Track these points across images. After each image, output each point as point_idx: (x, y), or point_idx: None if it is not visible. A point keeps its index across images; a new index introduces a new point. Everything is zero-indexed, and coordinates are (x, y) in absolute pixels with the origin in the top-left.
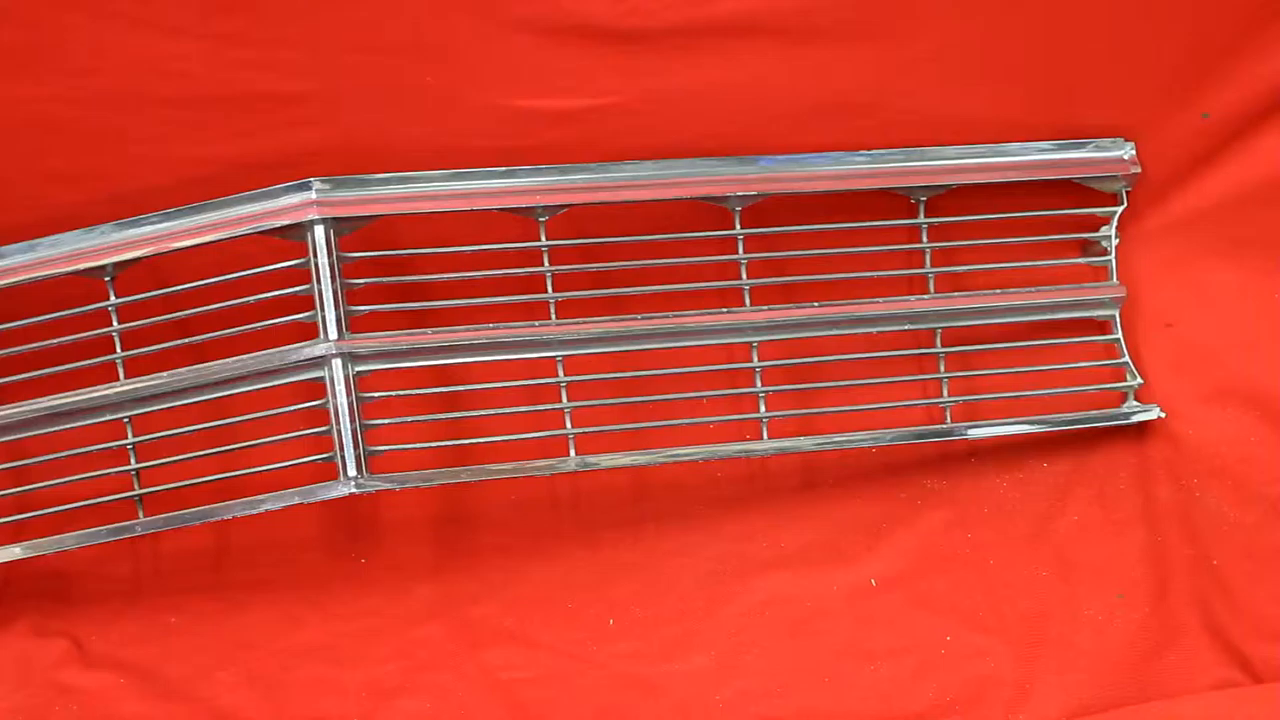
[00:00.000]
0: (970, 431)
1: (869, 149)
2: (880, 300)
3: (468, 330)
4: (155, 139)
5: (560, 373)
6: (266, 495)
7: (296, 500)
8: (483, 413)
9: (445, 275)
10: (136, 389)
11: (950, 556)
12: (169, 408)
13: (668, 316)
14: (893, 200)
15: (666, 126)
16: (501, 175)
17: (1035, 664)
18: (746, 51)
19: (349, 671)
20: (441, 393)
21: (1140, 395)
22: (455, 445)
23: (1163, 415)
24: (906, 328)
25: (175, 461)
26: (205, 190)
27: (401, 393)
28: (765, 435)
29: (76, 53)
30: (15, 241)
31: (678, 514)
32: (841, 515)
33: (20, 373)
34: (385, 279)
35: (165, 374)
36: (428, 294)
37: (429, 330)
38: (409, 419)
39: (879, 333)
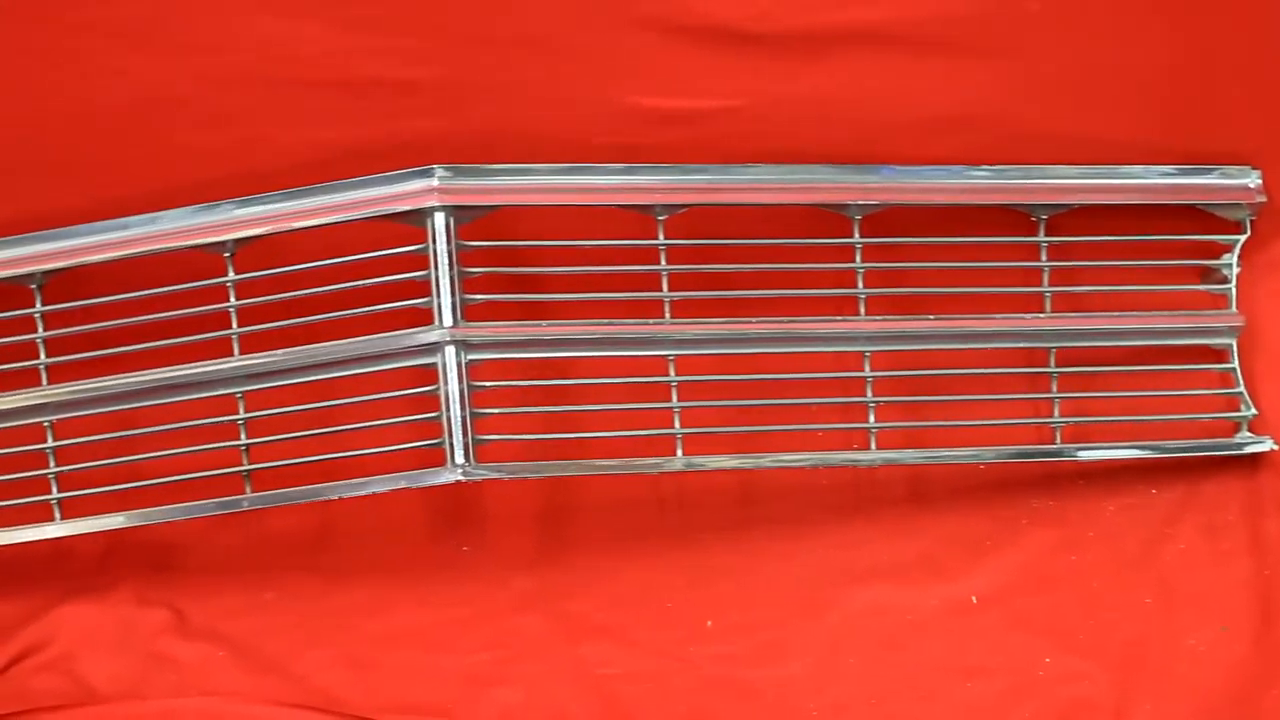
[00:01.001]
0: (1080, 453)
1: (990, 164)
2: (996, 317)
3: (581, 325)
4: (276, 121)
5: (671, 372)
6: (373, 478)
7: (403, 484)
8: (592, 408)
9: (560, 269)
10: (250, 365)
11: (1053, 577)
12: (280, 386)
13: (781, 321)
14: (1012, 217)
15: (787, 132)
16: (622, 172)
17: (1133, 691)
18: (872, 61)
19: (443, 658)
20: (551, 385)
21: (1254, 426)
22: (562, 439)
23: (1276, 447)
24: (1021, 345)
25: (284, 440)
26: (322, 174)
27: (511, 383)
28: (874, 445)
29: (203, 31)
30: (137, 214)
31: (781, 519)
32: (945, 530)
33: (136, 343)
34: (501, 269)
35: (279, 352)
36: (541, 286)
37: (543, 323)
38: (517, 410)
39: (993, 349)
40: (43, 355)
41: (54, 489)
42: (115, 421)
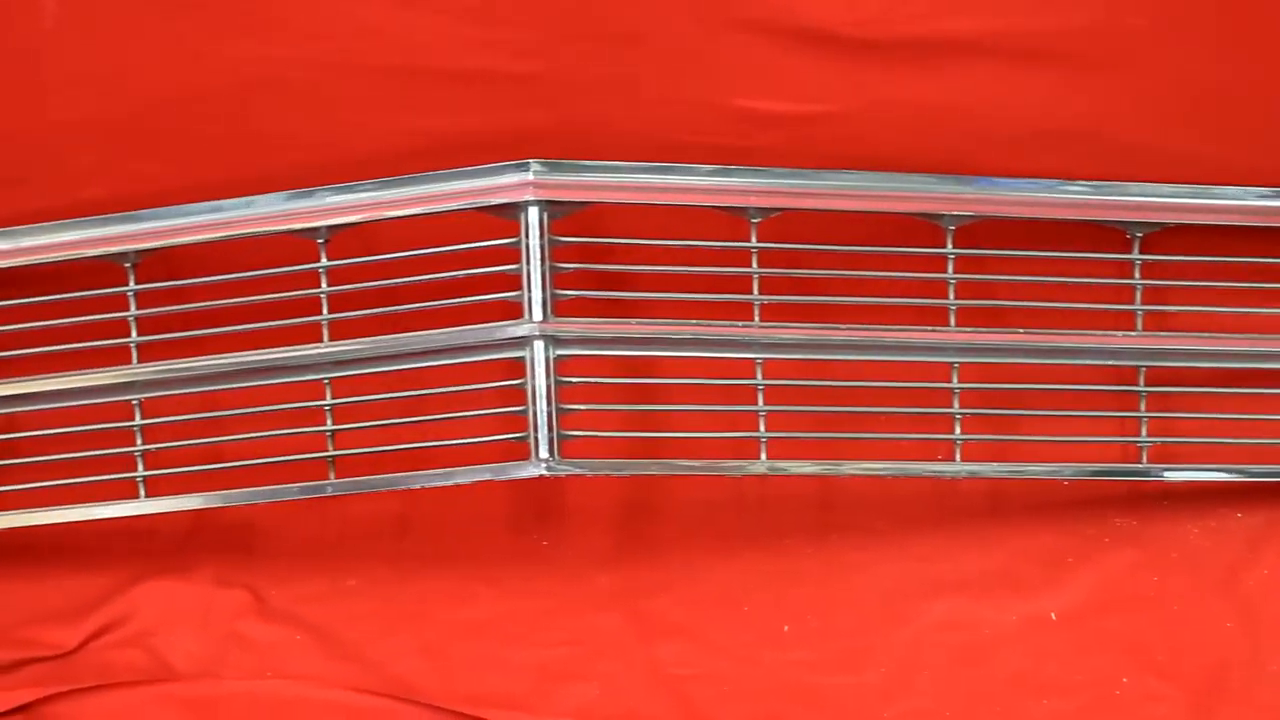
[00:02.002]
0: (1166, 473)
1: (1086, 179)
2: (1086, 333)
3: (671, 324)
4: (376, 107)
5: (758, 375)
6: (457, 469)
7: (487, 477)
8: (678, 407)
9: (651, 267)
10: (338, 352)
11: (1134, 597)
12: (368, 373)
13: (870, 329)
14: (1107, 233)
15: (885, 139)
16: (718, 173)
17: (1211, 715)
18: (974, 71)
19: (520, 651)
20: (637, 384)
21: None
22: (647, 437)
23: None
24: (1110, 363)
25: (369, 427)
26: (419, 163)
27: (599, 380)
28: (958, 457)
29: (305, 16)
30: (233, 197)
31: (862, 527)
32: (1026, 544)
33: (226, 325)
34: (592, 265)
35: (368, 340)
36: (631, 284)
37: (633, 321)
38: (603, 407)
39: (1081, 365)
40: (133, 334)
41: (140, 467)
42: (202, 402)
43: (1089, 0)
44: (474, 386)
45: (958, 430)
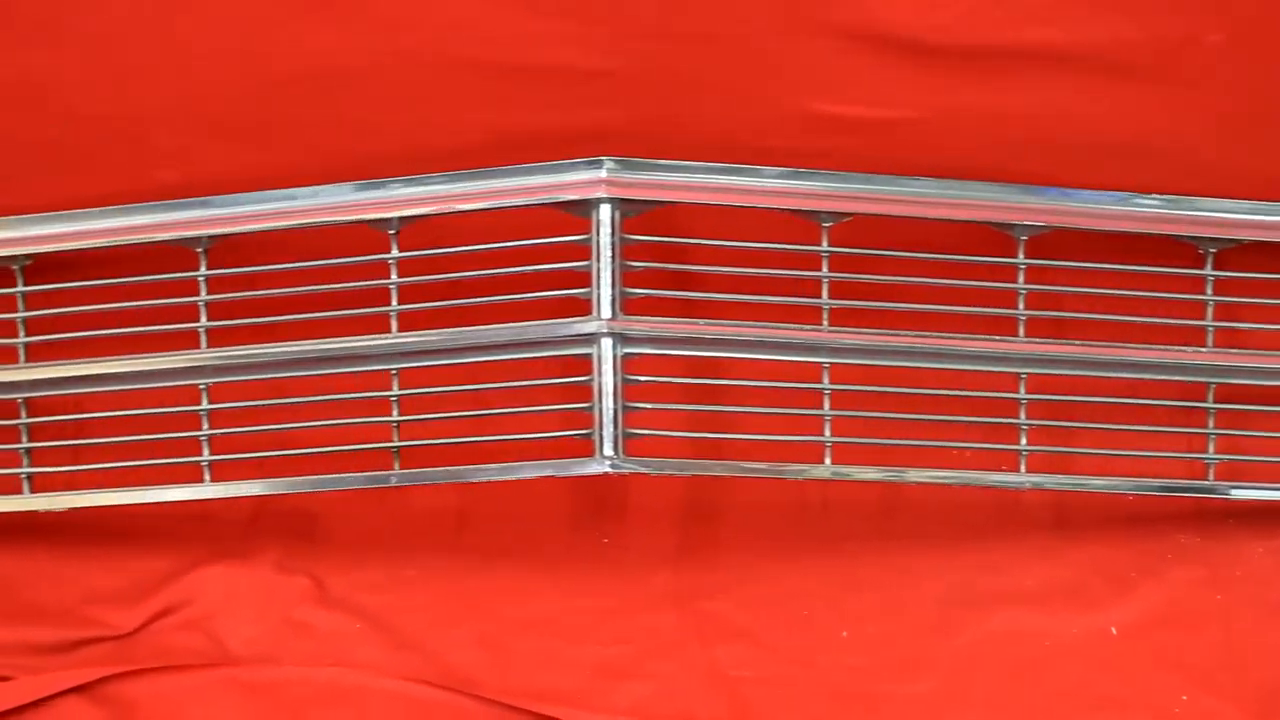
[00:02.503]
0: (1232, 491)
1: (1160, 193)
2: (1156, 348)
3: (739, 326)
4: (453, 100)
5: (825, 380)
6: (521, 464)
7: (550, 472)
8: (743, 409)
9: (721, 268)
10: (406, 343)
11: (1196, 615)
12: (435, 365)
13: (938, 337)
14: (1179, 248)
15: (960, 147)
16: (790, 176)
17: None
18: (1050, 82)
19: (577, 648)
20: (703, 384)
21: None
22: (711, 438)
23: None
24: (1179, 379)
25: (434, 419)
26: (492, 156)
27: (666, 379)
28: (1023, 469)
29: (388, 7)
30: (305, 184)
31: (924, 535)
32: (1088, 558)
33: (295, 313)
34: (661, 264)
35: (437, 332)
36: (700, 285)
37: (701, 321)
38: (669, 406)
39: (1150, 380)
40: (203, 318)
41: (205, 451)
42: (269, 389)
43: (1169, 15)
44: (541, 382)
45: (1023, 441)
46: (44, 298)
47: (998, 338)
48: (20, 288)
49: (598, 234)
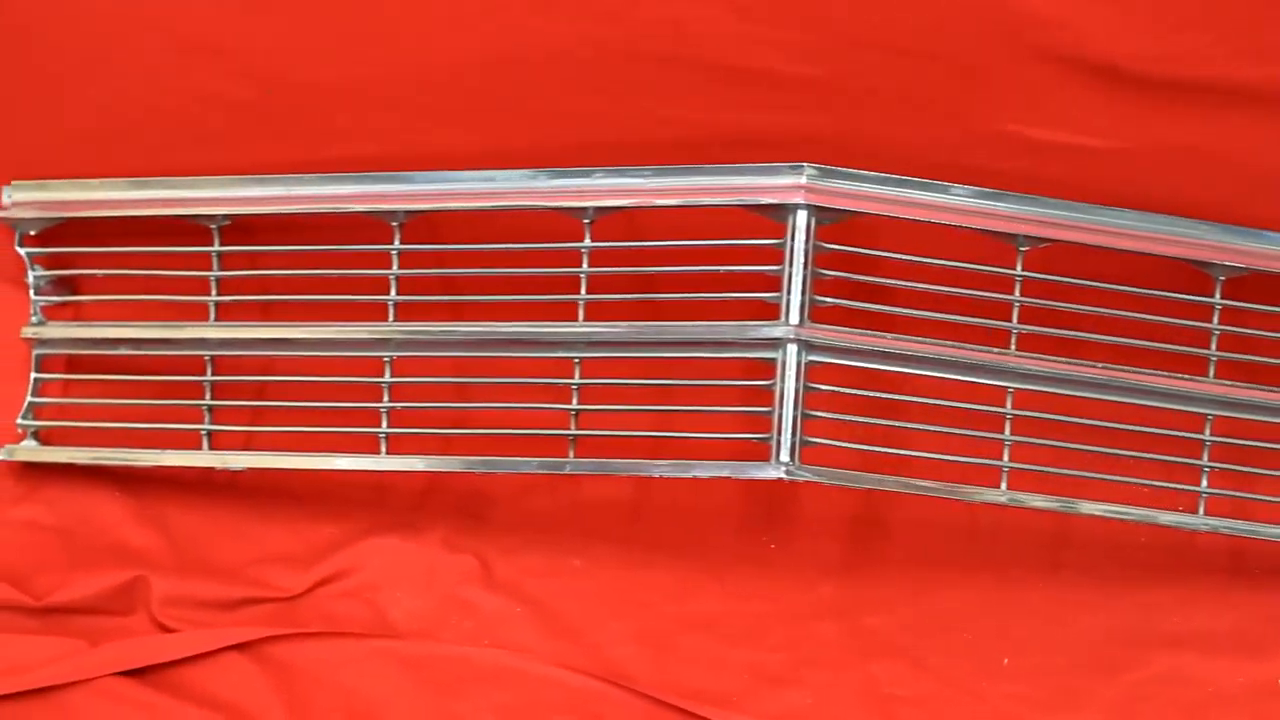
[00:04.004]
0: None
1: None
2: None
3: (925, 343)
4: (656, 95)
5: (1008, 404)
6: (696, 462)
7: (726, 474)
8: (922, 426)
9: (911, 283)
10: (592, 333)
11: None
12: (618, 357)
13: (1127, 371)
14: None
15: (1163, 181)
16: (991, 197)
17: None
18: (1257, 122)
19: (737, 651)
20: (882, 398)
21: None
22: (886, 453)
23: None
24: None
25: (612, 410)
26: (684, 153)
27: (848, 390)
28: (1202, 511)
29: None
30: (500, 168)
31: (1094, 569)
32: (1262, 607)
33: (483, 293)
34: (851, 275)
35: (624, 324)
36: (888, 298)
37: (889, 335)
38: (847, 417)
39: None
40: (393, 292)
41: (384, 423)
42: (452, 367)
43: None
44: (723, 382)
45: (1204, 483)
46: (237, 259)
47: (1187, 377)
48: (216, 247)
49: (792, 239)
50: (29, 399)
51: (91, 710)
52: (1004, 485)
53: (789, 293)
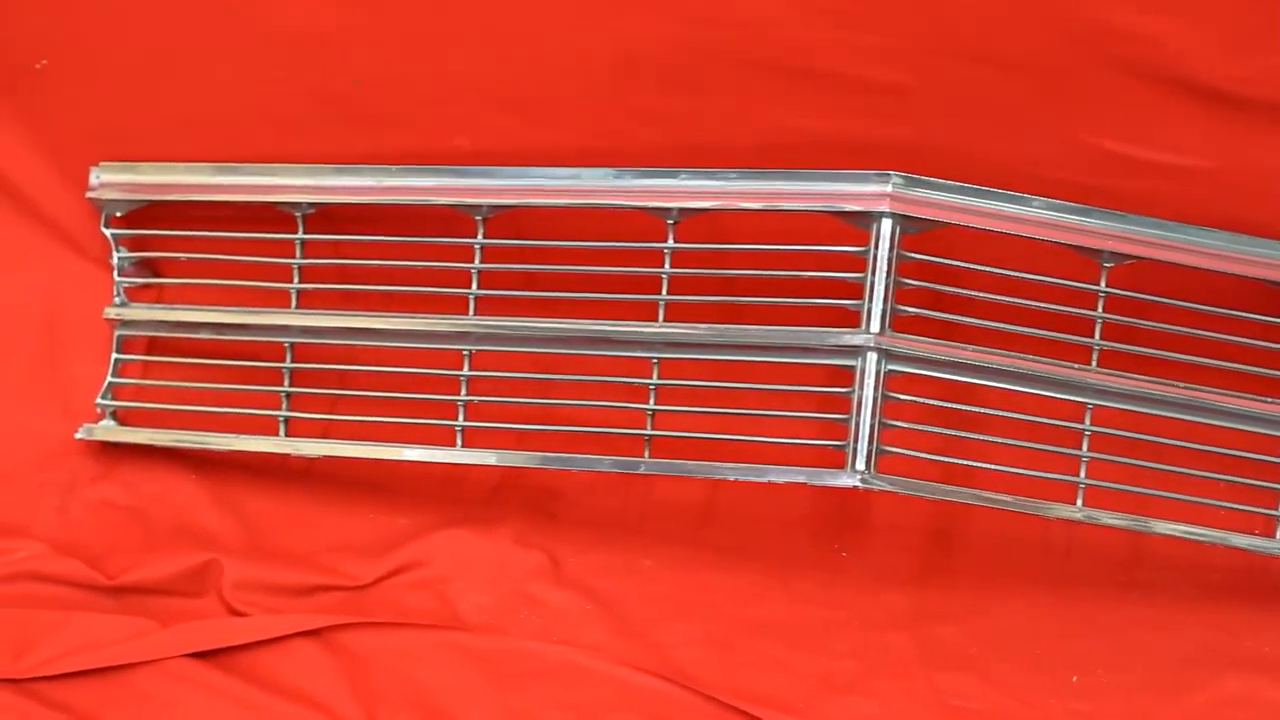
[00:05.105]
0: None
1: None
2: None
3: (1006, 356)
4: (747, 98)
5: (1087, 420)
6: (770, 467)
7: (801, 479)
8: (998, 440)
9: (993, 296)
10: (672, 334)
11: None
12: (696, 359)
13: (1209, 392)
14: None
15: (1250, 201)
16: (1078, 212)
17: None
18: None
19: (804, 657)
20: (960, 409)
21: None
22: (961, 464)
23: None
24: None
25: (688, 412)
26: (771, 157)
27: (927, 401)
28: (1279, 535)
29: (693, 2)
30: (589, 166)
31: (1167, 589)
32: None
33: (563, 290)
34: (933, 285)
35: (705, 326)
36: (969, 310)
37: (970, 347)
38: (924, 427)
39: None
40: (474, 286)
41: (460, 416)
42: (530, 363)
43: None
44: (803, 388)
45: None
46: (320, 247)
47: (1268, 399)
48: (300, 235)
49: (876, 247)
50: (109, 379)
51: (160, 690)
52: (1079, 502)
53: (871, 300)
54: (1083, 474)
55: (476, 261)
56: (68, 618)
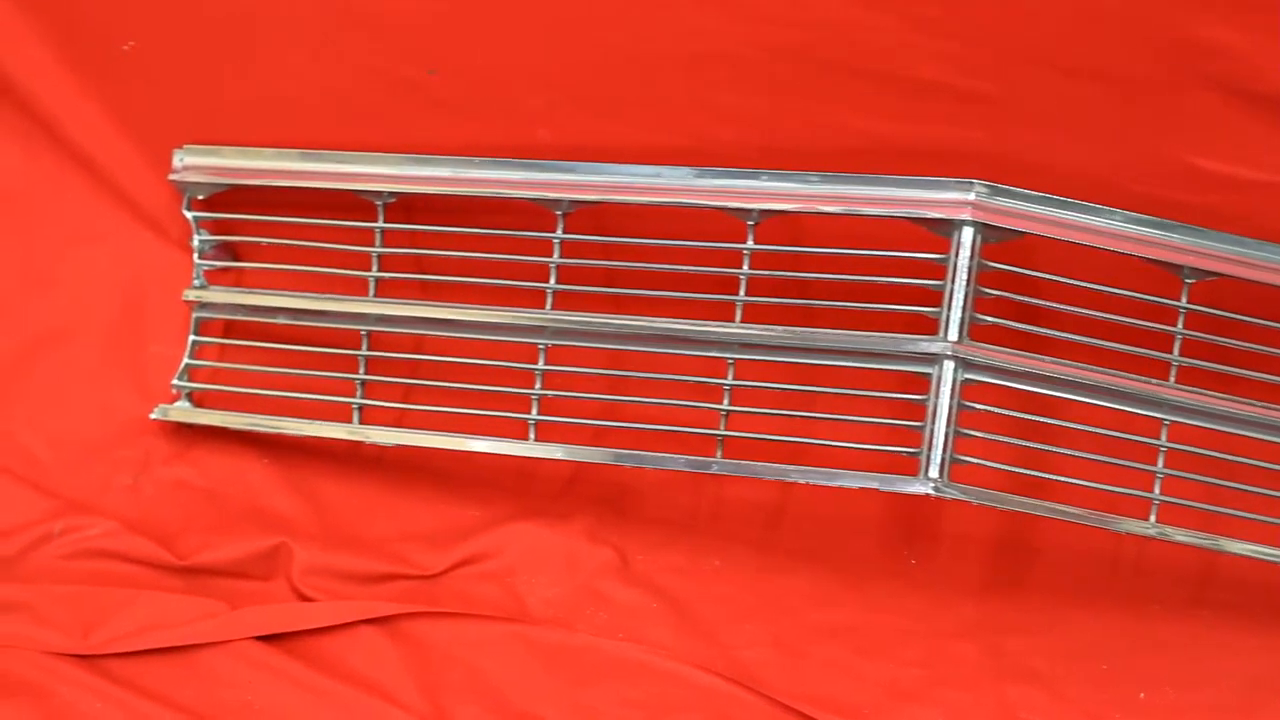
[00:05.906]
0: None
1: None
2: None
3: (1083, 369)
4: (825, 101)
5: (1163, 436)
6: (843, 471)
7: (874, 485)
8: (1072, 453)
9: (1072, 308)
10: (749, 335)
11: None
12: (772, 361)
13: (1273, 408)
14: None
15: None
16: (1161, 226)
17: None
18: None
19: (871, 664)
20: (1035, 421)
21: None
22: (1035, 476)
23: None
24: None
25: (762, 413)
26: (845, 161)
27: (1003, 411)
28: None
29: (767, 2)
30: (664, 164)
31: (1237, 609)
32: None
33: (641, 287)
34: (1013, 295)
35: (782, 328)
36: (1048, 321)
37: (1047, 359)
38: (999, 438)
39: None
40: (552, 280)
41: (533, 410)
42: (605, 359)
43: None
44: (878, 394)
45: None
46: (399, 236)
47: None
48: (380, 223)
49: (956, 255)
50: (185, 361)
51: (227, 672)
52: (1153, 518)
53: (949, 309)
54: (1157, 490)
55: (555, 256)
56: (137, 596)
